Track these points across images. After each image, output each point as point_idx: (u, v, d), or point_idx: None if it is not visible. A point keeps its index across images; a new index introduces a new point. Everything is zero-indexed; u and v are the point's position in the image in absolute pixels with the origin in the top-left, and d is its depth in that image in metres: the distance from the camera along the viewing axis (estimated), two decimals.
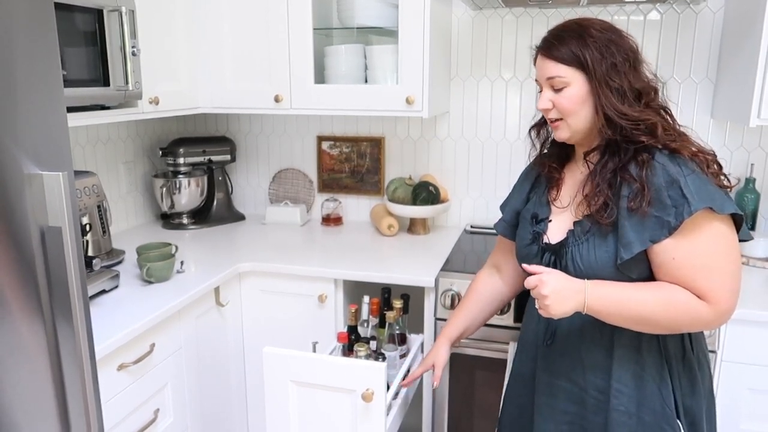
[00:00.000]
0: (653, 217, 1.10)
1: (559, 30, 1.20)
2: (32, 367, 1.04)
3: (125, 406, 1.49)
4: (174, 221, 2.45)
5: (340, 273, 1.90)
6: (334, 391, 1.43)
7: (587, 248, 1.18)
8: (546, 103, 1.20)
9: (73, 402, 1.11)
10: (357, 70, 2.11)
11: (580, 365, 1.24)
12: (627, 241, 1.12)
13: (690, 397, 1.22)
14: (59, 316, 1.07)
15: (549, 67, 1.18)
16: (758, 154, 2.06)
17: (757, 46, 1.68)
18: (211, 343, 1.87)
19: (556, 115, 1.21)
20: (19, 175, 0.98)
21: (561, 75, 1.16)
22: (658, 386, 1.19)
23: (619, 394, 1.19)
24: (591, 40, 1.14)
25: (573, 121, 1.19)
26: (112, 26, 1.64)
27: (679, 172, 1.10)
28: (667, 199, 1.09)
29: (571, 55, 1.15)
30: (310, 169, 2.57)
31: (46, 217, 1.03)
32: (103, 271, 1.70)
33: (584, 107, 1.17)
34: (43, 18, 1.00)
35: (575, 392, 1.26)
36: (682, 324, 1.13)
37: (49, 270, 1.05)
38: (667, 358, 1.20)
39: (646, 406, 1.19)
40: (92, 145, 2.20)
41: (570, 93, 1.17)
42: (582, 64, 1.14)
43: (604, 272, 1.16)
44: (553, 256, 1.24)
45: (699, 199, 1.07)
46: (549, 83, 1.19)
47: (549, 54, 1.18)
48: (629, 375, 1.19)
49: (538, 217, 1.31)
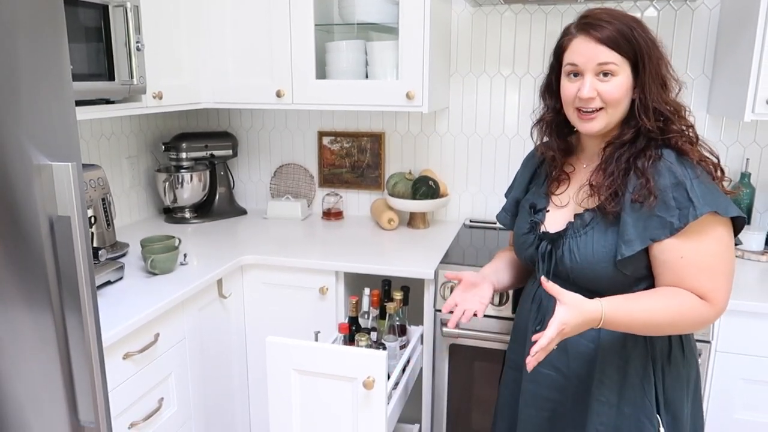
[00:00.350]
0: (656, 216, 1.11)
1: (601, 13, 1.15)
2: (41, 356, 1.06)
3: (130, 395, 1.52)
4: (176, 215, 2.47)
5: (341, 265, 1.92)
6: (335, 380, 1.46)
7: (585, 241, 1.19)
8: (592, 91, 1.14)
9: (81, 390, 1.14)
10: (358, 65, 2.13)
11: (565, 354, 1.25)
12: (628, 238, 1.13)
13: (673, 390, 1.23)
14: (68, 305, 1.09)
15: (602, 53, 1.12)
16: (753, 149, 2.09)
17: (752, 43, 1.71)
18: (214, 334, 1.90)
19: (599, 104, 1.16)
20: (29, 166, 1.00)
21: (614, 61, 1.12)
22: (640, 379, 1.20)
23: (601, 384, 1.21)
24: (637, 30, 1.13)
25: (614, 111, 1.16)
26: (117, 22, 1.66)
27: (685, 174, 1.11)
28: (672, 201, 1.10)
29: (625, 42, 1.12)
30: (311, 164, 2.60)
31: (55, 207, 1.05)
32: (109, 262, 1.72)
33: (627, 97, 1.16)
34: (52, 12, 1.03)
35: (559, 381, 1.27)
36: (687, 327, 1.15)
37: (57, 259, 1.07)
38: (652, 352, 1.21)
39: (627, 399, 1.20)
40: (96, 139, 2.22)
41: (619, 82, 1.14)
42: (634, 53, 1.12)
43: (599, 266, 1.17)
44: (550, 245, 1.25)
45: (705, 203, 1.09)
46: (598, 69, 1.14)
47: (601, 37, 1.12)
48: (613, 367, 1.21)
49: (536, 207, 1.33)
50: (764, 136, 2.08)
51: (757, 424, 1.67)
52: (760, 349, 1.63)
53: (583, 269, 1.18)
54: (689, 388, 1.26)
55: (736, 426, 1.69)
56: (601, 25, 1.13)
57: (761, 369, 1.64)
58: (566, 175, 1.31)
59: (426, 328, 1.89)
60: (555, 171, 1.32)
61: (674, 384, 1.23)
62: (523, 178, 1.43)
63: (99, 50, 1.63)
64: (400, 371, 1.69)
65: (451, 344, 1.88)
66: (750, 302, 1.60)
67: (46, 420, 1.09)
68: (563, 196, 1.30)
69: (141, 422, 1.54)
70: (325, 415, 1.50)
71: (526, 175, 1.42)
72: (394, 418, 1.65)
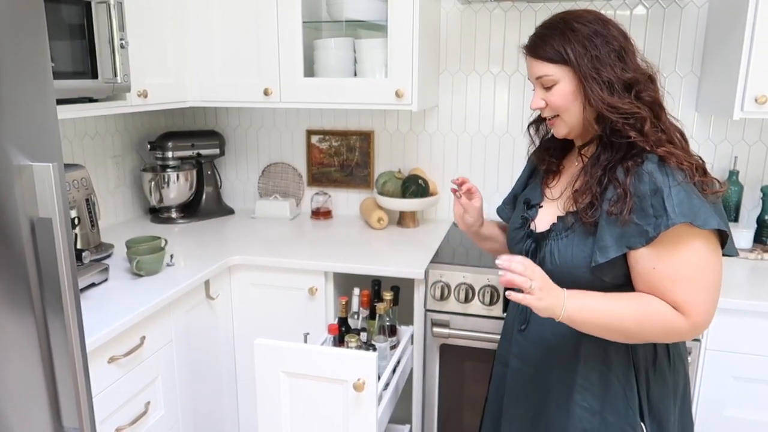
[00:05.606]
0: (633, 224, 1.09)
1: (542, 28, 1.20)
2: (23, 361, 1.04)
3: (116, 399, 1.49)
4: (163, 215, 2.44)
5: (331, 266, 1.90)
6: (325, 382, 1.44)
7: (565, 245, 1.18)
8: (539, 102, 1.21)
9: (65, 395, 1.12)
10: (346, 63, 2.11)
11: (547, 357, 1.25)
12: (603, 244, 1.11)
13: (659, 398, 1.21)
14: (50, 309, 1.07)
15: (536, 67, 1.19)
16: (741, 146, 2.10)
17: (740, 41, 1.71)
18: (202, 336, 1.87)
19: (550, 113, 1.21)
20: (8, 167, 0.98)
21: (548, 73, 1.17)
22: (623, 387, 1.19)
23: (584, 390, 1.20)
24: (573, 35, 1.14)
25: (568, 117, 1.19)
26: (100, 18, 1.63)
27: (665, 182, 1.08)
28: (650, 209, 1.08)
29: (555, 53, 1.15)
30: (299, 163, 2.57)
31: (36, 209, 1.02)
32: (93, 264, 1.69)
33: (576, 102, 1.16)
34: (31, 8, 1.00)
35: (541, 382, 1.27)
36: (655, 336, 1.13)
37: (39, 262, 1.05)
38: (635, 360, 1.19)
39: (610, 407, 1.19)
40: (80, 139, 2.19)
41: (560, 90, 1.17)
42: (566, 60, 1.14)
43: (577, 271, 1.16)
44: (534, 244, 1.25)
45: (679, 213, 1.05)
46: (539, 82, 1.20)
47: (534, 54, 1.19)
48: (596, 373, 1.19)
49: (530, 202, 1.33)
50: (752, 134, 2.08)
51: (747, 422, 1.68)
52: (750, 347, 1.63)
53: (562, 273, 1.17)
54: (677, 396, 1.24)
55: (726, 423, 1.69)
56: (534, 40, 1.20)
57: (751, 367, 1.64)
58: (559, 168, 1.32)
59: (416, 329, 1.88)
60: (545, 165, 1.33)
61: (660, 391, 1.21)
62: (524, 174, 1.45)
63: (82, 48, 1.60)
64: (391, 372, 1.68)
65: (442, 344, 1.87)
66: (739, 300, 1.60)
67: (28, 426, 1.06)
68: (555, 189, 1.30)
69: (127, 427, 1.51)
70: (315, 417, 1.48)
71: (527, 170, 1.44)
72: (384, 420, 1.64)
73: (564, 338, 1.22)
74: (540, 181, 1.34)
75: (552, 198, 1.30)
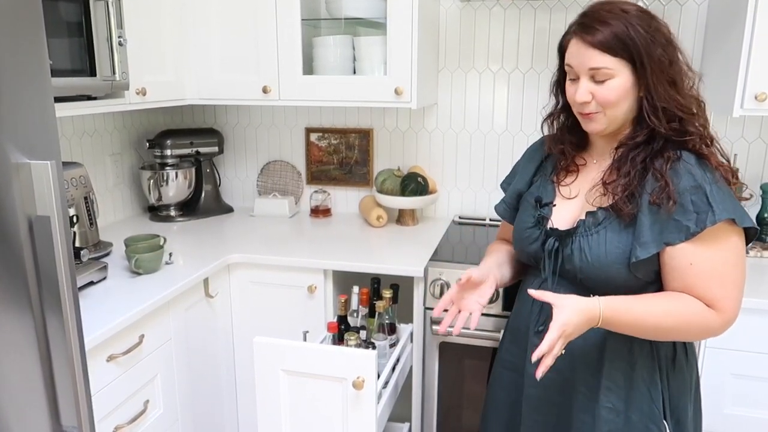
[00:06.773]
0: (672, 219, 1.07)
1: (598, 10, 1.09)
2: (21, 359, 1.04)
3: (115, 398, 1.49)
4: (162, 213, 2.43)
5: (330, 264, 1.90)
6: (325, 380, 1.44)
7: (598, 241, 1.14)
8: (586, 95, 1.11)
9: (63, 394, 1.11)
10: (345, 61, 2.11)
11: (570, 358, 1.19)
12: (644, 240, 1.09)
13: (678, 396, 1.21)
14: (48, 307, 1.06)
15: (593, 57, 1.08)
16: (741, 144, 2.10)
17: (740, 38, 1.71)
18: (201, 335, 1.87)
19: (594, 107, 1.13)
20: (6, 165, 0.97)
21: (608, 66, 1.08)
22: (647, 386, 1.17)
23: (609, 391, 1.18)
24: (635, 27, 1.06)
25: (612, 112, 1.12)
26: (99, 16, 1.62)
27: (705, 178, 1.07)
28: (690, 205, 1.07)
29: (619, 44, 1.06)
30: (298, 161, 2.57)
31: (34, 207, 1.02)
32: (91, 262, 1.69)
33: (628, 99, 1.10)
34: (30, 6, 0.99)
35: (565, 385, 1.24)
36: (693, 334, 1.13)
37: (37, 260, 1.04)
38: (658, 358, 1.18)
39: (635, 406, 1.17)
40: (78, 137, 2.18)
41: (615, 84, 1.09)
42: (631, 54, 1.06)
43: (611, 268, 1.13)
44: (557, 242, 1.20)
45: (723, 209, 1.06)
46: (590, 73, 1.10)
47: (593, 41, 1.07)
48: (620, 374, 1.18)
49: (542, 201, 1.27)
50: (752, 131, 2.08)
51: (747, 419, 1.68)
52: (749, 345, 1.63)
53: (595, 270, 1.14)
54: (692, 392, 1.24)
55: (726, 421, 1.69)
56: (594, 27, 1.08)
57: (750, 364, 1.64)
58: (576, 166, 1.27)
59: (416, 327, 1.88)
60: (564, 162, 1.27)
61: (679, 388, 1.21)
62: (527, 171, 1.36)
63: (80, 45, 1.59)
64: (390, 370, 1.67)
65: (441, 342, 1.86)
66: None
67: (26, 425, 1.06)
68: (572, 187, 1.25)
69: (126, 425, 1.51)
70: (314, 415, 1.48)
71: (531, 168, 1.36)
72: (384, 418, 1.64)
73: (587, 339, 1.16)
74: (549, 179, 1.30)
75: (568, 196, 1.25)
